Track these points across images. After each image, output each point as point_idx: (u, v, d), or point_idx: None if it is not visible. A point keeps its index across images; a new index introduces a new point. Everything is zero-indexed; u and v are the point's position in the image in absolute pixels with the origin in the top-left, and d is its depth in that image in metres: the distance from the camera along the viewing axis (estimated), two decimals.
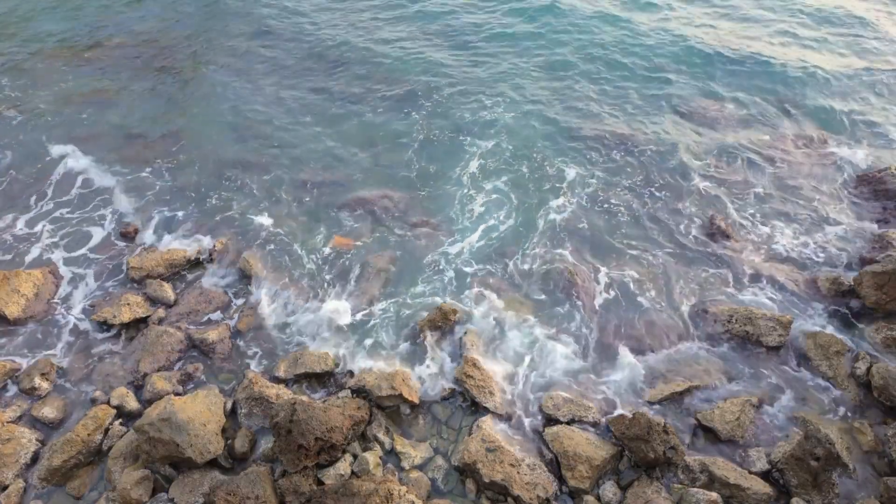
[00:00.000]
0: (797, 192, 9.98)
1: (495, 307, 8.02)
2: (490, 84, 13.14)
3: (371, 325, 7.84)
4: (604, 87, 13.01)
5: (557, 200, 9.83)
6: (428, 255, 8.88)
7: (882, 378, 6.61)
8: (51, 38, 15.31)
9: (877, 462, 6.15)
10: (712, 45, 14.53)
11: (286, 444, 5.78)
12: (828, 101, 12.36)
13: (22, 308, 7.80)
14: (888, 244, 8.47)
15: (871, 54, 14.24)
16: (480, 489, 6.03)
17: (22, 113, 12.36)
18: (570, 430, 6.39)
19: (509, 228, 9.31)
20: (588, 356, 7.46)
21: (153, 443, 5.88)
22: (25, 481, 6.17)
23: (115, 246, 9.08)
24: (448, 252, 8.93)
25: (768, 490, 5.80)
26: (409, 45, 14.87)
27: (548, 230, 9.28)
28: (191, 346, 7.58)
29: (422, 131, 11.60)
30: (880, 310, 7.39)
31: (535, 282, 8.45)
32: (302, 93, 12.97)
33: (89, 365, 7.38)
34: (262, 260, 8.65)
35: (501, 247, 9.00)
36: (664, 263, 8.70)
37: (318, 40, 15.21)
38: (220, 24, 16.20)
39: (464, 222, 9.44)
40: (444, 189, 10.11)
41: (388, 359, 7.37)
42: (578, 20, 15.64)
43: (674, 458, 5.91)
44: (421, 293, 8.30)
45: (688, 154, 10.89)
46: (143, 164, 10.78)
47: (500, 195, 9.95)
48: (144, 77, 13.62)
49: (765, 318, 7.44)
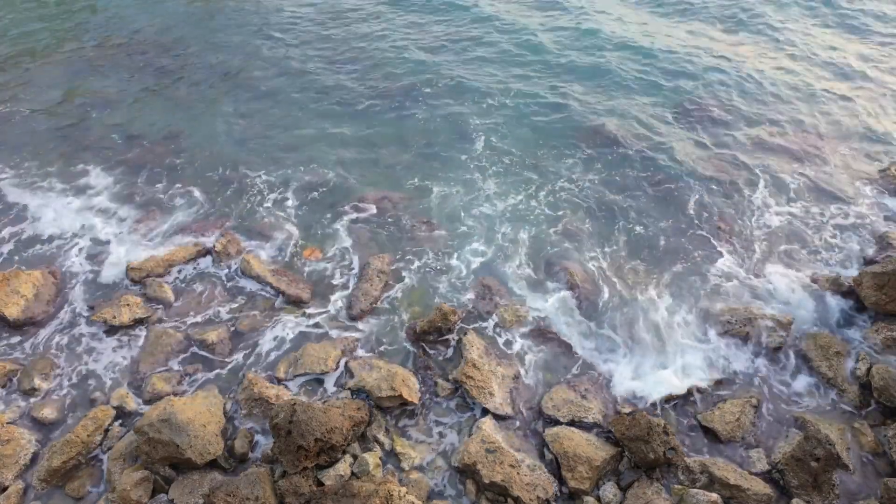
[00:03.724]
0: (797, 193, 9.98)
1: (495, 308, 8.02)
2: (490, 85, 13.14)
3: (371, 326, 7.84)
4: (604, 88, 13.02)
5: (558, 201, 9.83)
6: (428, 256, 8.88)
7: (882, 379, 6.61)
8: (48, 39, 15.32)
9: (877, 463, 6.15)
10: (712, 45, 14.56)
11: (286, 444, 5.77)
12: (828, 102, 12.37)
13: (22, 309, 7.79)
14: (888, 245, 8.48)
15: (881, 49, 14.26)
16: (480, 490, 6.02)
17: (23, 114, 12.36)
18: (570, 431, 6.39)
19: (509, 229, 9.31)
20: (588, 357, 7.45)
21: (153, 444, 5.88)
22: (25, 482, 6.16)
23: (115, 246, 9.07)
24: (448, 252, 8.93)
25: (768, 491, 5.79)
26: (409, 47, 14.88)
27: (548, 231, 9.27)
28: (190, 347, 7.57)
29: (422, 132, 11.61)
30: (880, 310, 7.39)
31: (534, 282, 8.45)
32: (302, 93, 12.96)
33: (89, 366, 7.38)
34: (262, 260, 8.64)
35: (501, 248, 9.01)
36: (664, 264, 8.70)
37: (319, 41, 15.22)
38: (221, 25, 16.20)
39: (464, 223, 9.44)
40: (444, 190, 10.11)
41: (388, 359, 7.37)
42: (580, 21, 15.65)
43: (674, 458, 5.91)
44: (421, 294, 8.30)
45: (688, 154, 10.90)
46: (143, 165, 10.77)
47: (500, 196, 9.95)
48: (144, 78, 13.62)
49: (765, 319, 7.44)
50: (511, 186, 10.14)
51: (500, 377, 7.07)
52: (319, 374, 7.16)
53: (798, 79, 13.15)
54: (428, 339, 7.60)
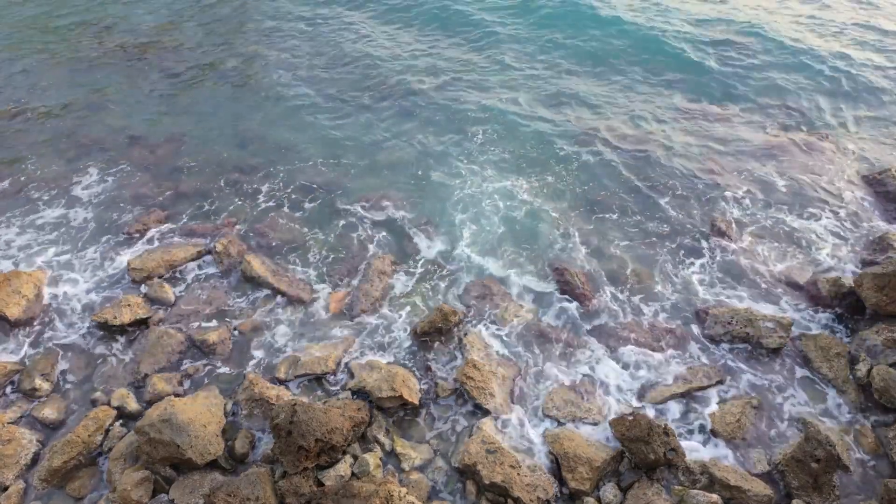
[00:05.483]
0: (798, 193, 9.98)
1: (496, 308, 8.03)
2: (491, 85, 13.15)
3: (372, 327, 7.85)
4: (604, 88, 13.03)
5: (559, 201, 9.84)
6: (428, 257, 8.89)
7: (883, 380, 6.61)
8: (52, 40, 15.34)
9: (878, 464, 6.15)
10: (712, 46, 14.55)
11: (286, 445, 5.78)
12: (829, 102, 12.36)
13: (23, 309, 7.80)
14: (888, 246, 8.47)
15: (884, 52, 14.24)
16: (480, 491, 6.02)
17: (25, 114, 12.38)
18: (570, 432, 6.39)
19: (510, 230, 9.32)
20: (588, 357, 7.45)
21: (153, 444, 5.88)
22: (26, 482, 6.16)
23: (116, 247, 9.09)
24: (448, 253, 8.94)
25: (769, 492, 5.79)
26: (409, 47, 14.90)
27: (548, 231, 9.28)
28: (191, 347, 7.58)
29: (423, 132, 11.62)
30: (881, 311, 7.37)
31: (535, 282, 8.45)
32: (303, 94, 12.99)
33: (90, 366, 7.39)
34: (263, 261, 8.65)
35: (502, 249, 9.01)
36: (664, 265, 8.70)
37: (319, 42, 15.24)
38: (222, 26, 16.23)
39: (464, 223, 9.45)
40: (444, 190, 10.12)
41: (388, 360, 7.37)
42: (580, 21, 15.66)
43: (674, 459, 5.91)
44: (421, 294, 8.30)
45: (688, 154, 10.90)
46: (144, 165, 10.81)
47: (501, 196, 9.95)
48: (146, 79, 13.65)
49: (765, 320, 7.44)
50: (511, 186, 10.14)
51: (501, 377, 7.08)
52: (320, 375, 7.16)
53: (801, 77, 13.15)
54: (428, 340, 7.61)
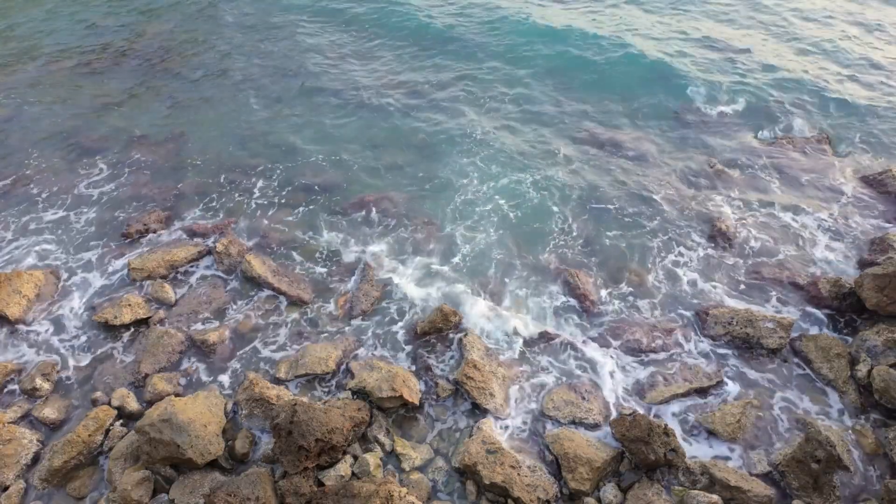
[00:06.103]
0: (798, 195, 9.98)
1: (496, 309, 8.03)
2: (492, 85, 13.16)
3: (372, 327, 7.85)
4: (603, 91, 13.03)
5: (557, 204, 9.84)
6: (428, 257, 8.89)
7: (883, 380, 6.60)
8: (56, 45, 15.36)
9: (878, 464, 6.15)
10: (712, 47, 14.56)
11: (286, 445, 5.78)
12: (830, 102, 12.36)
13: (23, 309, 7.81)
14: (889, 246, 8.46)
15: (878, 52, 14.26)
16: (481, 491, 6.02)
17: (27, 114, 12.39)
18: (570, 432, 6.39)
19: (510, 231, 9.32)
20: (589, 357, 7.45)
21: (154, 444, 5.88)
22: (26, 482, 6.17)
23: (116, 247, 9.10)
24: (449, 253, 8.94)
25: (769, 492, 5.79)
26: (410, 48, 14.91)
27: (549, 231, 9.28)
28: (191, 347, 7.59)
29: (423, 132, 11.63)
30: (881, 312, 7.37)
31: (536, 282, 8.45)
32: (303, 94, 13.00)
33: (90, 366, 7.39)
34: (264, 261, 8.66)
35: (502, 249, 9.01)
36: (664, 265, 8.70)
37: (320, 42, 15.25)
38: (223, 26, 16.24)
39: (465, 223, 9.45)
40: (445, 189, 10.13)
41: (388, 360, 7.38)
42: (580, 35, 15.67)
43: (674, 460, 5.91)
44: (421, 294, 8.30)
45: (688, 156, 10.90)
46: (146, 167, 10.82)
47: (501, 195, 9.95)
48: (148, 81, 13.67)
49: (765, 320, 7.44)
50: (512, 186, 10.14)
51: (501, 378, 7.08)
52: (320, 375, 7.17)
53: (801, 76, 13.15)
54: (428, 340, 7.61)
